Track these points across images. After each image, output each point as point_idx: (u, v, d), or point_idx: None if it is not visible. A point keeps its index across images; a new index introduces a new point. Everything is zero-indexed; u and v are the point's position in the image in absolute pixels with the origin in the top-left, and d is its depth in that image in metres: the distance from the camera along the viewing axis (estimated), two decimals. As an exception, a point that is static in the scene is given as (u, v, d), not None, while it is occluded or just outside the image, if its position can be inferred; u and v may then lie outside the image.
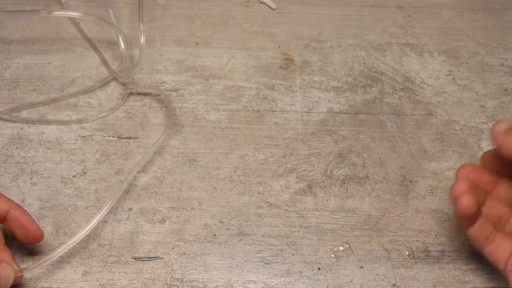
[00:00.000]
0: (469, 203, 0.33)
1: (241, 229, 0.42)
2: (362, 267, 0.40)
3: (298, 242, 0.41)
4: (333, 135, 0.47)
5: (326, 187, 0.44)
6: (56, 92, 0.48)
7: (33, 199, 0.42)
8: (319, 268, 0.40)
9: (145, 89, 0.49)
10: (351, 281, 0.40)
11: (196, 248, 0.40)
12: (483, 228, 0.35)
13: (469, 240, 0.42)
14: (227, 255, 0.40)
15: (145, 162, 0.43)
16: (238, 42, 0.52)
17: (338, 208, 0.43)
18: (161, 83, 0.49)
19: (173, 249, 0.40)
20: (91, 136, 0.46)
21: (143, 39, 0.49)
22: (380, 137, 0.47)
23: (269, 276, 0.40)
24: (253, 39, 0.53)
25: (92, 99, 0.48)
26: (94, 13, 0.53)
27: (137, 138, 0.46)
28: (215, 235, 0.41)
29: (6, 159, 0.44)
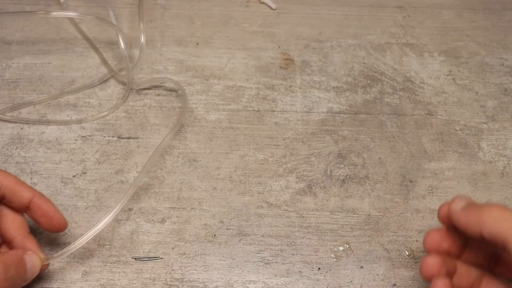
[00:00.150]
0: (445, 285, 0.32)
1: (241, 229, 0.42)
2: (362, 267, 0.40)
3: (298, 242, 0.41)
4: (333, 135, 0.47)
5: (326, 187, 0.44)
6: (56, 92, 0.48)
7: (33, 199, 0.42)
8: (319, 268, 0.40)
9: (162, 82, 0.49)
10: (351, 281, 0.40)
11: (196, 248, 0.40)
12: None
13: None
14: (227, 255, 0.40)
15: (157, 157, 0.44)
16: (238, 42, 0.52)
17: (338, 208, 0.43)
18: (161, 83, 0.49)
19: (173, 249, 0.40)
20: (91, 136, 0.46)
21: (143, 39, 0.49)
22: (380, 137, 0.47)
23: (269, 276, 0.40)
24: (253, 39, 0.53)
25: (92, 99, 0.48)
26: (94, 13, 0.53)
27: (137, 138, 0.46)
28: (215, 235, 0.41)
29: (6, 159, 0.44)
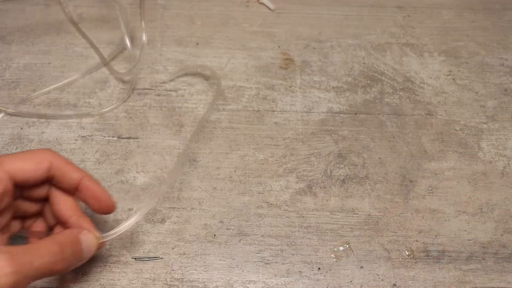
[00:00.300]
0: None
1: (241, 229, 0.42)
2: (362, 267, 0.40)
3: (298, 242, 0.41)
4: (333, 135, 0.47)
5: (326, 187, 0.44)
6: (56, 92, 0.48)
7: (33, 199, 0.42)
8: (319, 268, 0.40)
9: (190, 70, 0.49)
10: (351, 281, 0.40)
11: (196, 248, 0.40)
12: None
13: (469, 240, 0.42)
14: (227, 255, 0.40)
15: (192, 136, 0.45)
16: (238, 42, 0.52)
17: (338, 208, 0.43)
18: (161, 83, 0.49)
19: (173, 249, 0.40)
20: (91, 136, 0.46)
21: (144, 37, 0.49)
22: (380, 137, 0.47)
23: (269, 276, 0.40)
24: (253, 39, 0.53)
25: (92, 99, 0.48)
26: (96, 13, 0.53)
27: (137, 138, 0.46)
28: (215, 235, 0.41)
29: (6, 159, 0.44)
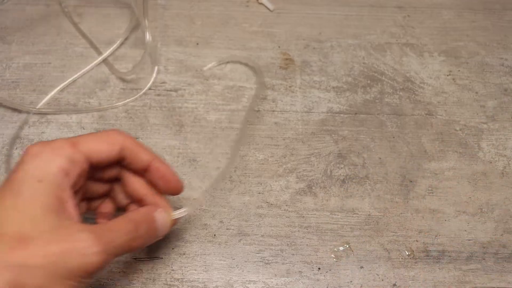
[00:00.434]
0: None
1: (241, 229, 0.42)
2: (362, 267, 0.40)
3: (298, 242, 0.41)
4: (333, 135, 0.47)
5: (326, 187, 0.44)
6: (56, 92, 0.48)
7: (33, 199, 0.42)
8: (319, 268, 0.40)
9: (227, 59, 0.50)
10: (351, 281, 0.40)
11: (196, 248, 0.40)
12: None
13: (469, 240, 0.42)
14: (227, 255, 0.40)
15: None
16: (238, 42, 0.52)
17: (338, 208, 0.43)
18: (161, 83, 0.49)
19: (173, 249, 0.40)
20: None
21: (148, 36, 0.49)
22: (380, 137, 0.47)
23: (269, 276, 0.40)
24: (253, 39, 0.53)
25: (92, 99, 0.48)
26: (95, 12, 0.53)
27: (137, 138, 0.46)
28: (215, 235, 0.41)
29: (6, 159, 0.44)
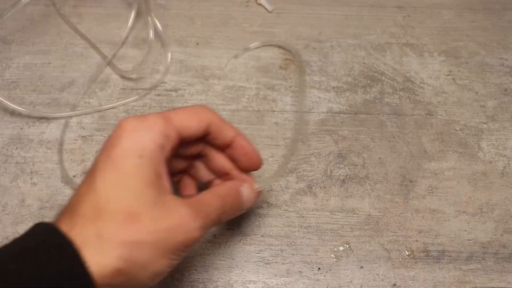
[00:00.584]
0: None
1: (241, 229, 0.42)
2: (362, 267, 0.40)
3: (298, 242, 0.41)
4: (333, 135, 0.47)
5: (326, 187, 0.44)
6: (56, 92, 0.48)
7: (33, 199, 0.42)
8: (319, 268, 0.40)
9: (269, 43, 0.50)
10: (351, 281, 0.40)
11: (196, 248, 0.40)
12: None
13: (469, 240, 0.42)
14: (227, 255, 0.40)
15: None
16: (238, 42, 0.52)
17: (338, 208, 0.43)
18: (161, 83, 0.49)
19: (173, 249, 0.40)
20: (91, 136, 0.46)
21: (152, 34, 0.49)
22: (380, 137, 0.47)
23: (269, 276, 0.40)
24: (253, 39, 0.52)
25: (92, 99, 0.48)
26: (94, 12, 0.53)
27: (137, 138, 0.46)
28: (215, 235, 0.41)
29: (6, 159, 0.44)
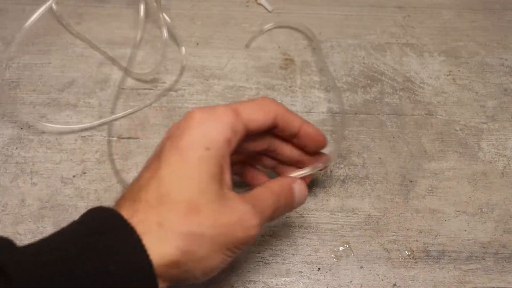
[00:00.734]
0: None
1: (241, 229, 0.42)
2: (362, 267, 0.40)
3: (298, 242, 0.41)
4: (333, 135, 0.47)
5: (326, 187, 0.44)
6: (56, 92, 0.48)
7: (33, 199, 0.42)
8: (319, 268, 0.40)
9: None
10: (351, 281, 0.40)
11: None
12: None
13: (469, 240, 0.42)
14: (227, 255, 0.40)
15: None
16: (238, 42, 0.52)
17: (338, 208, 0.43)
18: (161, 83, 0.49)
19: (173, 249, 0.40)
20: (91, 136, 0.46)
21: (165, 33, 0.49)
22: (380, 137, 0.47)
23: (269, 276, 0.40)
24: (254, 35, 0.52)
25: (92, 99, 0.48)
26: (94, 13, 0.53)
27: (137, 138, 0.46)
28: (215, 235, 0.41)
29: (6, 159, 0.44)
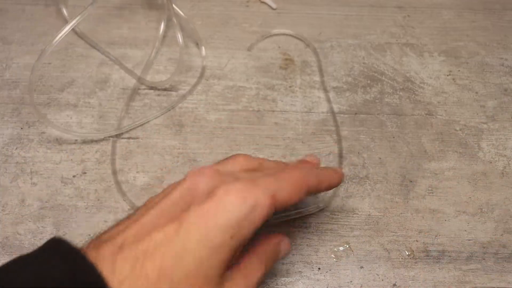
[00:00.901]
0: None
1: (241, 229, 0.42)
2: (362, 267, 0.40)
3: (298, 242, 0.41)
4: (333, 135, 0.47)
5: (326, 187, 0.44)
6: (56, 92, 0.48)
7: (33, 199, 0.42)
8: (319, 268, 0.40)
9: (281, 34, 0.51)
10: (351, 281, 0.40)
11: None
12: None
13: (469, 240, 0.42)
14: (227, 255, 0.40)
15: None
16: (238, 42, 0.52)
17: (338, 208, 0.43)
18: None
19: (173, 249, 0.40)
20: (91, 136, 0.46)
21: (180, 39, 0.50)
22: (380, 137, 0.47)
23: (269, 276, 0.40)
24: (253, 39, 0.53)
25: (92, 99, 0.48)
26: (95, 14, 0.53)
27: (137, 138, 0.46)
28: (215, 235, 0.41)
29: (6, 159, 0.44)
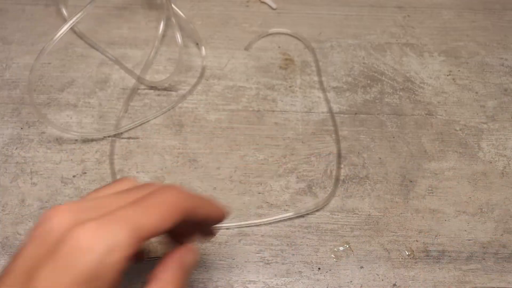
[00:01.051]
0: None
1: (241, 229, 0.42)
2: (362, 267, 0.40)
3: (298, 242, 0.41)
4: (333, 135, 0.47)
5: (326, 187, 0.44)
6: (56, 92, 0.48)
7: (33, 199, 0.42)
8: (319, 268, 0.40)
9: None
10: (351, 281, 0.40)
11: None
12: None
13: (469, 240, 0.42)
14: (227, 255, 0.40)
15: None
16: (238, 42, 0.52)
17: (338, 208, 0.43)
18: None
19: (173, 249, 0.40)
20: (91, 136, 0.46)
21: (179, 37, 0.49)
22: (380, 137, 0.47)
23: (269, 276, 0.40)
24: (253, 39, 0.52)
25: (92, 99, 0.48)
26: (93, 13, 0.53)
27: (137, 138, 0.46)
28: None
29: (6, 159, 0.44)
